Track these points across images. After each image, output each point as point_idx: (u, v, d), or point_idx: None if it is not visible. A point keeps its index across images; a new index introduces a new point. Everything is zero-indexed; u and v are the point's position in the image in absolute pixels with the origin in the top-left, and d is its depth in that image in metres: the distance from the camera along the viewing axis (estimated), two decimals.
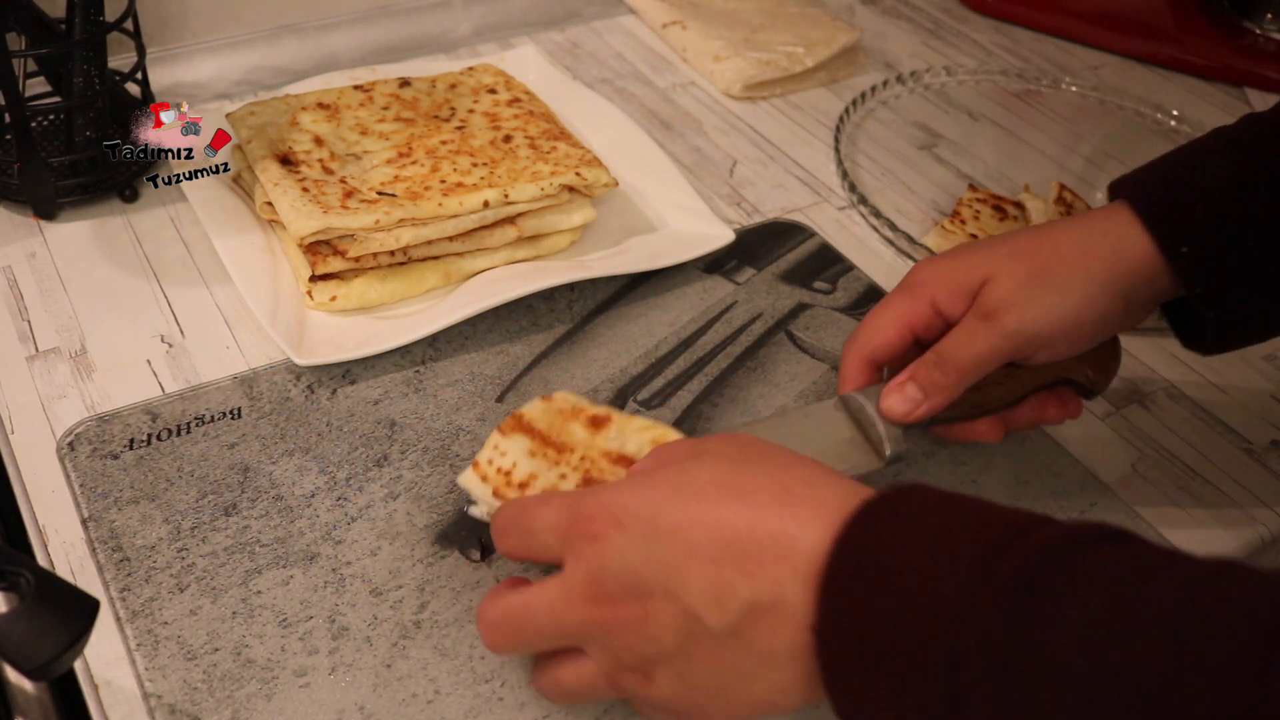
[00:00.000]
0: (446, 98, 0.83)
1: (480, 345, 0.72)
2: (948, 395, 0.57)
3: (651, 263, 0.77)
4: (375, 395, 0.68)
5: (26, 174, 0.75)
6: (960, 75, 1.04)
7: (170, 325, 0.72)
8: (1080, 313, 0.57)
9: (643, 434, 0.52)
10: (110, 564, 0.58)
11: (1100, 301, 0.57)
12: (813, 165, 0.92)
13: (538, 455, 0.53)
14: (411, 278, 0.73)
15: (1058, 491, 0.66)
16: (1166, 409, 0.73)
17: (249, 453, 0.64)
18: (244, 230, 0.76)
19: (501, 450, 0.53)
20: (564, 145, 0.78)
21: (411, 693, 0.54)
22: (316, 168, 0.74)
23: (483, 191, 0.73)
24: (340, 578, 0.58)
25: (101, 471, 0.62)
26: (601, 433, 0.52)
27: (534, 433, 0.53)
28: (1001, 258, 0.58)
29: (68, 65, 0.76)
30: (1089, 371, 0.61)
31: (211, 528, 0.60)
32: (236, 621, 0.56)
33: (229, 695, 0.53)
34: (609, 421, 0.53)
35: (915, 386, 0.57)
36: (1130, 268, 0.57)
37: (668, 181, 0.84)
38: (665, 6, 1.07)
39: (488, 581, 0.59)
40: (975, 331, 0.57)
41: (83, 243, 0.77)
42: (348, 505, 0.62)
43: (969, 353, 0.57)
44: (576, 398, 0.55)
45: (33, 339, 0.70)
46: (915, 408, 0.57)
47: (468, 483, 0.54)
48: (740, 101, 0.99)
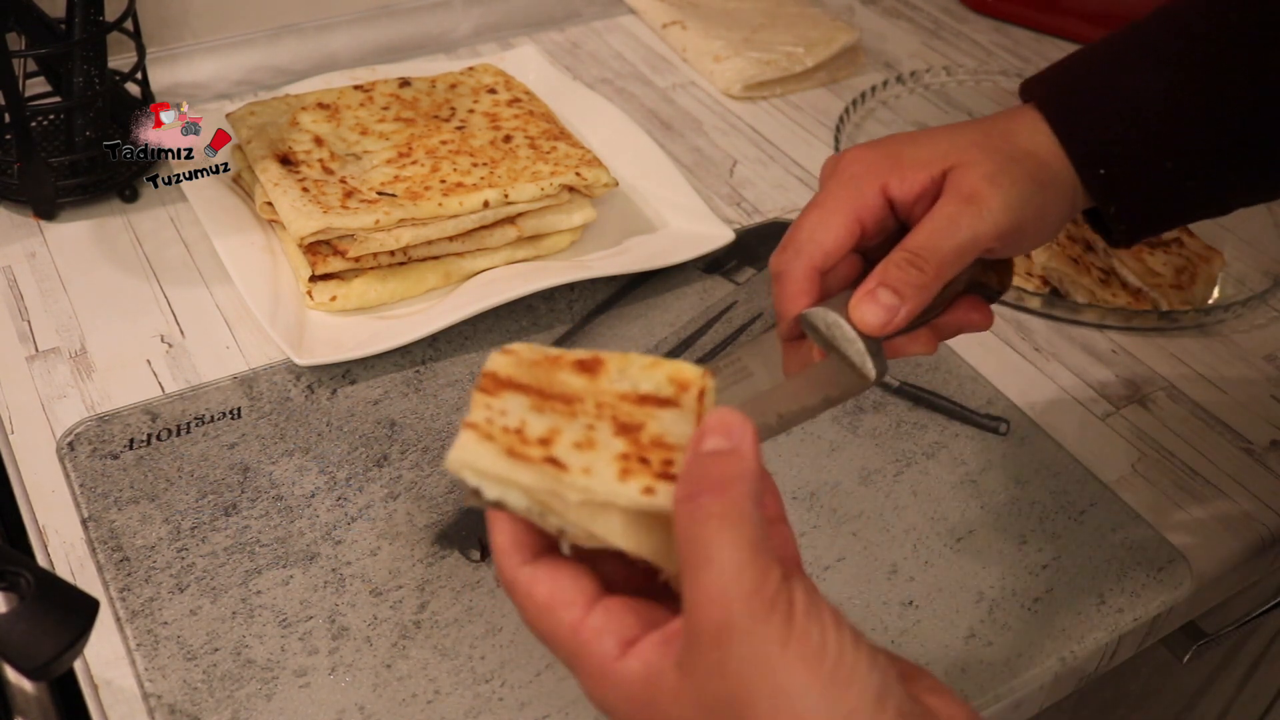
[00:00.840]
0: (446, 98, 0.83)
1: (480, 345, 0.72)
2: (925, 296, 0.50)
3: (651, 263, 0.77)
4: (375, 395, 0.68)
5: (26, 174, 0.75)
6: (960, 75, 1.04)
7: (170, 325, 0.72)
8: (1049, 204, 0.52)
9: (654, 371, 0.44)
10: (110, 564, 0.58)
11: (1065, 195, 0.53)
12: (813, 165, 0.92)
13: (545, 410, 0.43)
14: (411, 278, 0.73)
15: (1057, 491, 0.66)
16: (1166, 409, 0.73)
17: (249, 453, 0.64)
18: (244, 230, 0.76)
19: (499, 409, 0.42)
20: (564, 145, 0.78)
21: (411, 693, 0.54)
22: (316, 168, 0.74)
23: (483, 191, 0.73)
24: (340, 578, 0.58)
25: (101, 471, 0.62)
26: (601, 376, 0.45)
27: (523, 387, 0.43)
28: (966, 145, 0.52)
29: (68, 65, 0.76)
30: (997, 273, 0.57)
31: (211, 528, 0.60)
32: (236, 621, 0.56)
33: (229, 695, 0.53)
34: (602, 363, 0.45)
35: (888, 291, 0.49)
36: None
37: (668, 181, 0.84)
38: (665, 6, 1.07)
39: (488, 582, 0.59)
40: (957, 218, 0.50)
41: (83, 243, 0.77)
42: (348, 505, 0.62)
43: (950, 242, 0.50)
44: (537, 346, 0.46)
45: (33, 339, 0.70)
46: (893, 315, 0.49)
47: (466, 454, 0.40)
48: (740, 101, 0.99)
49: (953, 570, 0.62)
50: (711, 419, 0.39)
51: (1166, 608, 0.62)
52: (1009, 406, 0.72)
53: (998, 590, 0.61)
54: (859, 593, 0.60)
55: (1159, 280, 0.81)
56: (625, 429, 0.42)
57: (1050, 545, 0.64)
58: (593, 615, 0.39)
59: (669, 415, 0.42)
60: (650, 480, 0.39)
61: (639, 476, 0.39)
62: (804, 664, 0.35)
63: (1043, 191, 0.52)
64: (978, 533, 0.64)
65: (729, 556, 0.36)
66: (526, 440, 0.41)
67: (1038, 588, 0.61)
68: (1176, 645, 0.71)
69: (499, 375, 0.44)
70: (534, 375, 0.45)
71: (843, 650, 0.36)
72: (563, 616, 0.39)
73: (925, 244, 0.50)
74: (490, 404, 0.42)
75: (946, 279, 0.51)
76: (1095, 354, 0.77)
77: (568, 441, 0.41)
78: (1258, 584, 0.73)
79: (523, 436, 0.41)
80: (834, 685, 0.35)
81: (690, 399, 0.42)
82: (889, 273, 0.49)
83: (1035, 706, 0.60)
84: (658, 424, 0.42)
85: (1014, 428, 0.70)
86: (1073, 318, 0.79)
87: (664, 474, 0.39)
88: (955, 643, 0.59)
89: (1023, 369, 0.75)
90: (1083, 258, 0.82)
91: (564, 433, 0.42)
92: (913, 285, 0.49)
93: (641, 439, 0.41)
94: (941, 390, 0.72)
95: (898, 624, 0.59)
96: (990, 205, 0.50)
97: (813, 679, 0.35)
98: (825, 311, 0.50)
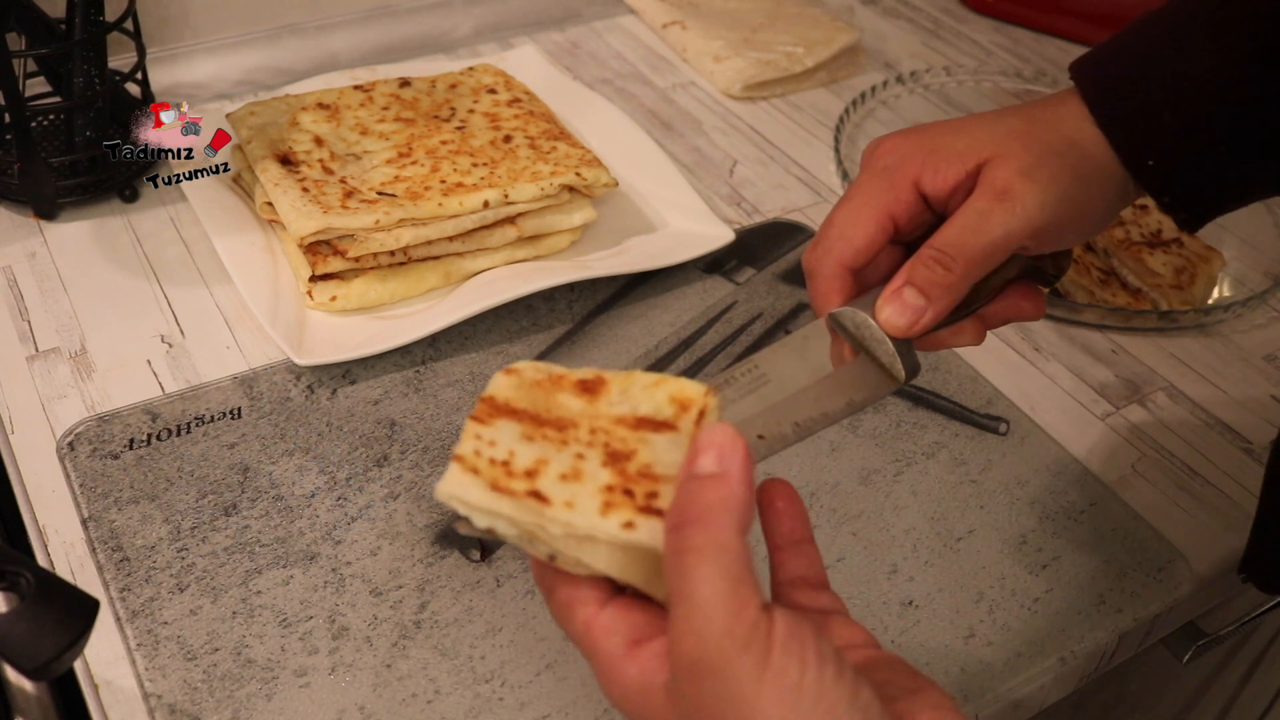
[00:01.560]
0: (446, 98, 0.83)
1: (480, 345, 0.72)
2: (953, 297, 0.48)
3: (651, 263, 0.77)
4: (375, 395, 0.68)
5: (26, 174, 0.75)
6: (960, 75, 1.04)
7: (170, 325, 0.72)
8: (1093, 197, 0.50)
9: (656, 390, 0.44)
10: (110, 564, 0.58)
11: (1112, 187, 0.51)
12: (813, 165, 0.92)
13: (536, 438, 0.43)
14: (411, 278, 0.73)
15: (1057, 491, 0.66)
16: (1166, 409, 0.73)
17: (249, 453, 0.64)
18: (244, 230, 0.76)
19: (488, 440, 0.43)
20: (564, 145, 0.78)
21: (411, 693, 0.54)
22: (317, 168, 0.74)
23: (483, 191, 0.73)
24: (340, 578, 0.58)
25: (101, 471, 0.62)
26: (601, 397, 0.45)
27: (518, 413, 0.44)
28: (1002, 136, 0.50)
29: (68, 65, 0.76)
30: (1053, 258, 0.55)
31: (211, 528, 0.60)
32: (236, 621, 0.56)
33: (229, 695, 0.53)
34: (604, 384, 0.45)
35: (915, 291, 0.47)
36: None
37: (668, 181, 0.84)
38: (665, 6, 1.07)
39: (488, 582, 0.59)
40: (988, 214, 0.48)
41: (83, 243, 0.77)
42: (348, 505, 0.62)
43: (981, 240, 0.47)
44: (542, 364, 0.47)
45: (33, 339, 0.70)
46: (919, 316, 0.47)
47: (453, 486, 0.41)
48: (740, 101, 0.99)
49: (953, 570, 0.62)
50: (704, 437, 0.39)
51: (1166, 608, 0.62)
52: (1009, 406, 0.72)
53: (998, 590, 0.61)
54: (859, 593, 0.60)
55: (1159, 280, 0.81)
56: (614, 457, 0.42)
57: (1050, 545, 0.64)
58: (604, 614, 0.39)
59: (663, 441, 0.42)
60: (632, 515, 0.39)
61: (622, 510, 0.39)
62: (778, 700, 0.35)
63: (1085, 185, 0.50)
64: (978, 533, 0.64)
65: (707, 591, 0.35)
66: (513, 472, 0.42)
67: (1038, 588, 0.61)
68: (1176, 645, 0.71)
69: (496, 400, 0.45)
70: (532, 398, 0.45)
71: (822, 687, 0.35)
72: (578, 614, 0.40)
73: (954, 241, 0.48)
74: (481, 434, 0.43)
75: (976, 278, 0.49)
76: (1095, 354, 0.77)
77: (554, 473, 0.42)
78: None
79: (509, 468, 0.42)
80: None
81: (688, 421, 0.42)
82: (915, 271, 0.48)
83: (1035, 707, 0.60)
84: (649, 452, 0.42)
85: (1014, 428, 0.70)
86: (1072, 318, 0.79)
87: (647, 507, 0.39)
88: (955, 643, 0.59)
89: (1023, 369, 0.75)
90: (1083, 257, 0.82)
91: (551, 463, 0.42)
92: (939, 285, 0.48)
93: (629, 469, 0.41)
94: (941, 390, 0.72)
95: (898, 624, 0.59)
96: (1024, 201, 0.48)
97: (787, 714, 0.35)
98: (854, 311, 0.49)
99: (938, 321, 0.48)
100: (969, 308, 0.51)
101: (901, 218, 0.50)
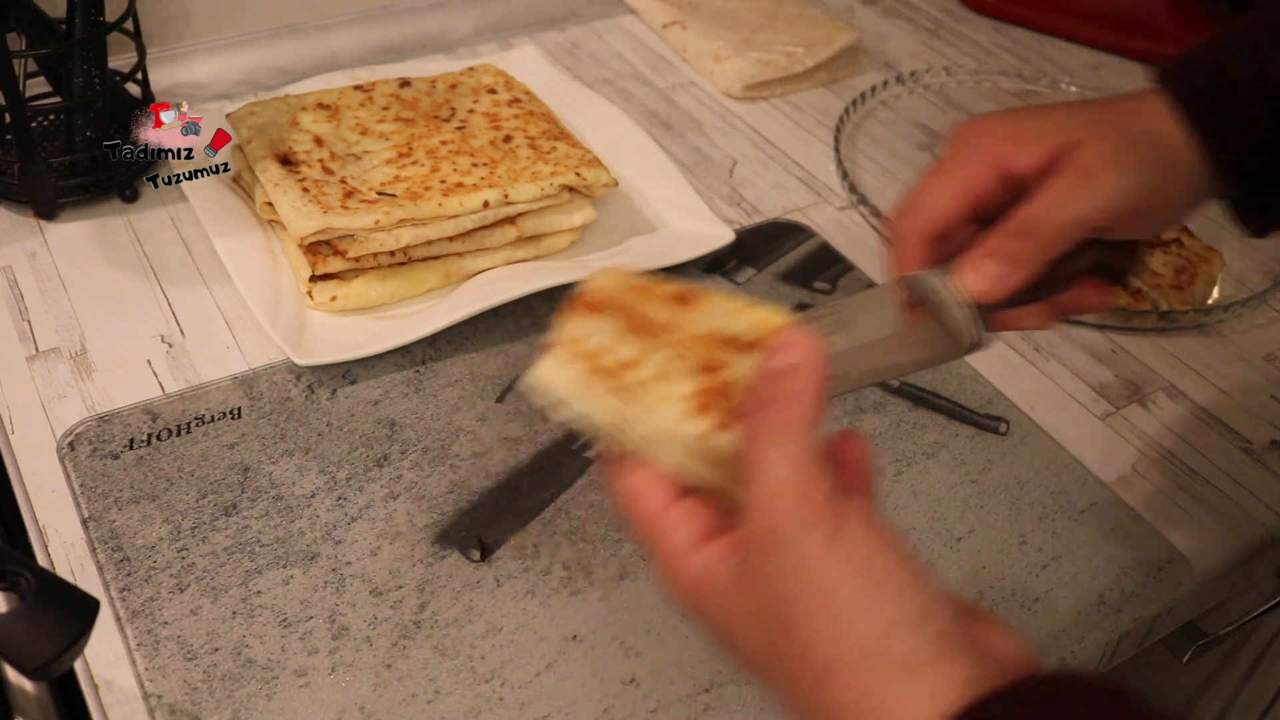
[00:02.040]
0: (446, 98, 0.83)
1: (480, 345, 0.72)
2: (1032, 268, 0.50)
3: (651, 263, 0.77)
4: (375, 395, 0.68)
5: (27, 174, 0.75)
6: (960, 75, 1.04)
7: (170, 325, 0.72)
8: (1171, 189, 0.52)
9: (743, 315, 0.45)
10: (110, 564, 0.58)
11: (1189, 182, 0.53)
12: (813, 165, 0.92)
13: (629, 338, 0.44)
14: (411, 278, 0.73)
15: (1057, 491, 0.66)
16: (1166, 409, 0.73)
17: (249, 453, 0.64)
18: (244, 230, 0.76)
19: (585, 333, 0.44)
20: (564, 145, 0.78)
21: (411, 693, 0.54)
22: (317, 168, 0.74)
23: (483, 191, 0.73)
24: (340, 578, 0.58)
25: (101, 471, 0.62)
26: (692, 311, 0.46)
27: (616, 311, 0.45)
28: (1086, 122, 0.52)
29: (68, 65, 0.76)
30: (1124, 256, 0.56)
31: (211, 528, 0.60)
32: (236, 621, 0.56)
33: (229, 695, 0.53)
34: (696, 299, 0.46)
35: (995, 260, 0.49)
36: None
37: (668, 181, 0.84)
38: (665, 6, 1.07)
39: (488, 582, 0.59)
40: (1071, 191, 0.50)
41: (83, 243, 0.77)
42: (348, 505, 0.62)
43: (1061, 216, 0.50)
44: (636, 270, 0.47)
45: (33, 339, 0.70)
46: (997, 283, 0.49)
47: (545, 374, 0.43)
48: (740, 101, 0.99)
49: (953, 570, 0.62)
50: (781, 337, 0.41)
51: (1166, 608, 0.62)
52: (1009, 406, 0.72)
53: (998, 590, 0.61)
54: None
55: (1159, 280, 0.81)
56: (703, 368, 0.43)
57: (1050, 545, 0.64)
58: (676, 507, 0.41)
59: (747, 362, 0.43)
60: (711, 424, 0.41)
61: (712, 413, 0.41)
62: (849, 569, 0.36)
63: (1165, 175, 0.52)
64: (978, 533, 0.64)
65: (779, 465, 0.38)
66: (606, 366, 0.43)
67: (1038, 588, 0.61)
68: (1176, 645, 0.71)
69: (592, 299, 0.46)
70: (624, 299, 0.46)
71: (891, 566, 0.37)
72: (646, 503, 0.41)
73: (1035, 215, 0.50)
74: (578, 326, 0.45)
75: (1054, 253, 0.50)
76: (1095, 354, 0.77)
77: (647, 372, 0.43)
78: (1258, 584, 0.73)
79: (603, 362, 0.43)
80: (876, 594, 0.36)
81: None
82: (997, 242, 0.50)
83: None
84: (734, 369, 0.43)
85: (1014, 428, 0.70)
86: (1072, 318, 0.79)
87: (727, 420, 0.41)
88: None
89: (1023, 369, 0.75)
90: None
91: (647, 362, 0.43)
92: (1019, 256, 0.50)
93: (715, 381, 0.42)
94: (941, 390, 0.72)
95: None
96: (1106, 182, 0.50)
97: (856, 584, 0.36)
98: (929, 275, 0.51)
99: (1013, 292, 0.50)
100: (1041, 291, 0.52)
101: (981, 192, 0.52)
